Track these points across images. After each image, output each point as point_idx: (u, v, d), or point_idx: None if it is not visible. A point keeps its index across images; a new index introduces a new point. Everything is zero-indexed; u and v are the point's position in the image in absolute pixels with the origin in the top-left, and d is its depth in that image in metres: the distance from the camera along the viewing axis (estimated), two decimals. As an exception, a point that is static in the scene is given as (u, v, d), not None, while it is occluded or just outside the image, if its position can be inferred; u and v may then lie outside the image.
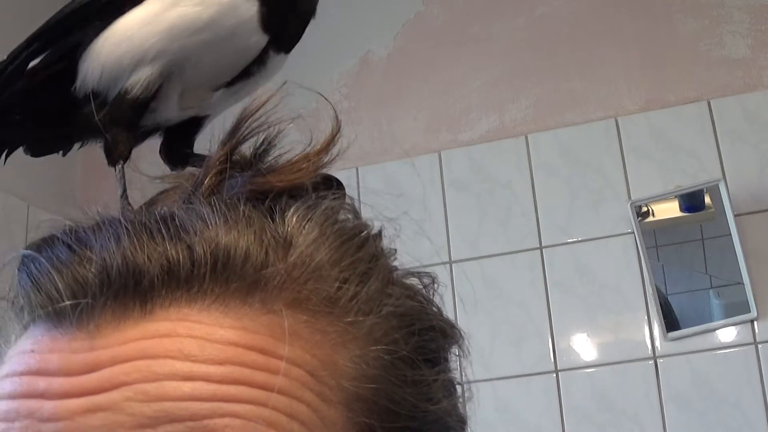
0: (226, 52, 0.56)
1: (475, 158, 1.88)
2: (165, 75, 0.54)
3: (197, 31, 0.54)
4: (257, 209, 0.39)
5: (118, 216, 0.38)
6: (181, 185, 0.43)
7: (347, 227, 0.40)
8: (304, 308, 0.37)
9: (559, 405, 1.69)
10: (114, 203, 1.83)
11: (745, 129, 1.73)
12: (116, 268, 0.35)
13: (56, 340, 0.35)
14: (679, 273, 1.72)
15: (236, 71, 0.57)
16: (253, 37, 0.56)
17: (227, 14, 0.55)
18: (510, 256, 1.80)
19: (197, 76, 0.56)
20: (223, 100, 0.59)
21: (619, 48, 1.85)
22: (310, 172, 0.41)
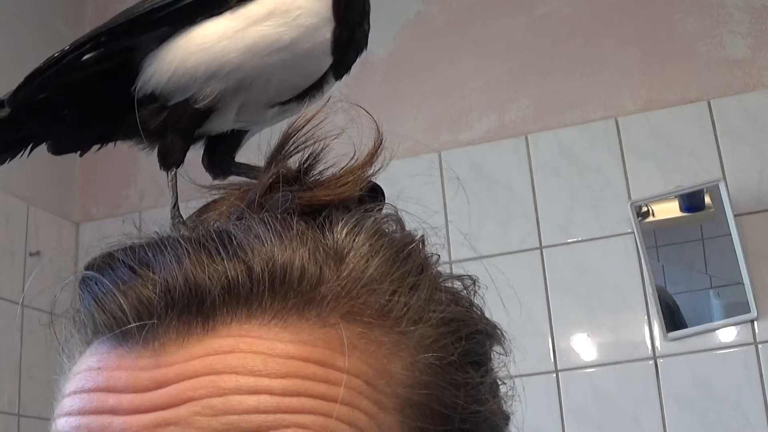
0: (297, 73, 0.57)
1: (475, 158, 1.88)
2: (234, 90, 0.55)
3: (276, 51, 0.55)
4: (308, 225, 0.40)
5: (176, 234, 0.40)
6: (228, 197, 0.44)
7: (395, 239, 0.42)
8: (358, 320, 0.38)
9: (559, 405, 1.69)
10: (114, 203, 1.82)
11: (745, 129, 1.73)
12: (179, 288, 0.37)
13: (122, 357, 0.37)
14: (679, 273, 1.72)
15: (298, 92, 0.58)
16: (324, 60, 0.57)
17: (308, 37, 0.55)
18: (510, 256, 1.80)
19: (262, 94, 0.57)
20: (274, 116, 0.59)
21: (619, 48, 1.85)
22: (355, 185, 0.43)
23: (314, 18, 0.56)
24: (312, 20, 0.56)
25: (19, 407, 1.86)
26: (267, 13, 0.55)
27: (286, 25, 0.55)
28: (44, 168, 2.11)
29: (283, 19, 0.55)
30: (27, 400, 1.88)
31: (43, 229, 2.04)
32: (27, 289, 1.95)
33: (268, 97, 0.57)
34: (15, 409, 1.85)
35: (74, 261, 2.13)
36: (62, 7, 2.25)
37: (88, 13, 2.32)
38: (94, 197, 2.18)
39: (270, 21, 0.55)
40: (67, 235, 2.12)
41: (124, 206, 2.14)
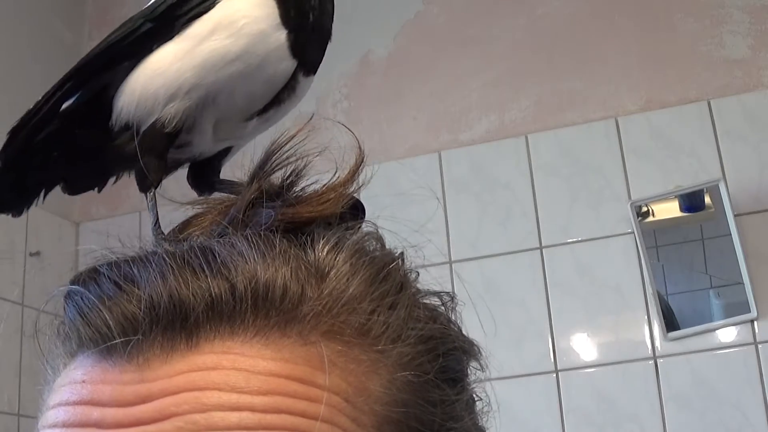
0: (258, 81, 0.58)
1: (475, 158, 1.88)
2: (199, 107, 0.56)
3: (229, 63, 0.56)
4: (291, 243, 0.41)
5: (160, 250, 0.40)
6: (211, 211, 0.45)
7: (375, 258, 0.43)
8: (338, 339, 0.39)
9: (559, 405, 1.69)
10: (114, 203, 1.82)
11: (745, 129, 1.73)
12: (163, 305, 0.37)
13: (107, 371, 0.38)
14: (679, 273, 1.72)
15: (268, 99, 0.59)
16: (283, 64, 0.58)
17: (258, 44, 0.56)
18: (510, 256, 1.80)
19: (231, 107, 0.58)
20: (255, 128, 0.61)
21: (619, 48, 1.85)
22: (337, 202, 0.43)
23: (261, 24, 0.57)
24: (259, 27, 0.56)
25: (19, 407, 1.86)
26: (212, 28, 0.56)
27: (233, 36, 0.56)
28: (44, 168, 2.11)
29: (229, 31, 0.56)
30: (27, 400, 1.88)
31: (43, 229, 2.04)
32: (27, 289, 1.95)
33: (240, 110, 0.58)
34: (15, 409, 1.85)
35: (74, 261, 2.13)
36: (62, 7, 2.25)
37: (88, 13, 2.32)
38: (94, 197, 2.17)
39: (216, 35, 0.56)
40: (67, 235, 2.12)
41: (124, 206, 2.14)
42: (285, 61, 0.58)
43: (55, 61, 2.22)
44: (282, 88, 0.59)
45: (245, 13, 0.57)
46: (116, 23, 0.63)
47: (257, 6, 0.57)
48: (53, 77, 0.63)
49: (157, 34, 0.58)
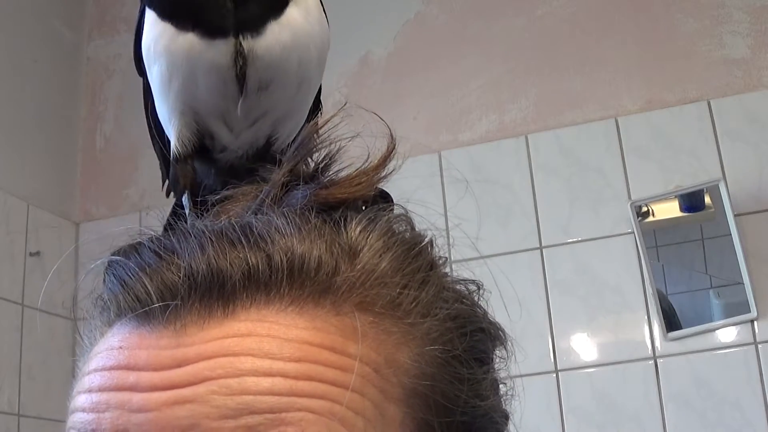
0: (207, 79, 0.60)
1: (475, 158, 1.88)
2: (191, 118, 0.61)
3: (169, 82, 0.61)
4: (325, 221, 0.42)
5: (200, 225, 0.42)
6: (246, 196, 0.46)
7: (406, 238, 0.45)
8: (370, 311, 0.40)
9: (559, 405, 1.69)
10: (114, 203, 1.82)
11: (745, 129, 1.73)
12: (202, 273, 0.38)
13: (144, 337, 0.38)
14: (679, 273, 1.72)
15: (233, 79, 0.60)
16: (212, 52, 0.59)
17: (174, 56, 0.60)
18: (510, 256, 1.80)
19: (212, 105, 0.61)
20: (260, 104, 0.62)
21: (619, 48, 1.85)
22: (369, 185, 0.45)
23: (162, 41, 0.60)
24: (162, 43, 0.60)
25: (19, 407, 1.86)
26: (146, 60, 0.62)
27: (156, 60, 0.61)
28: (44, 168, 2.11)
29: (151, 57, 0.61)
30: (27, 400, 1.88)
31: (43, 229, 2.04)
32: (27, 289, 1.95)
33: (223, 100, 0.61)
34: (15, 409, 1.85)
35: (74, 261, 2.13)
36: (62, 7, 2.25)
37: (88, 13, 2.32)
38: (94, 197, 2.18)
39: (149, 65, 0.62)
40: (67, 235, 2.12)
41: (124, 206, 2.14)
42: (211, 49, 0.59)
43: (55, 61, 2.22)
44: (237, 62, 0.60)
45: (149, 37, 0.61)
46: (116, 23, 0.66)
47: (153, 25, 0.61)
48: (53, 77, 0.66)
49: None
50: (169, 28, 0.59)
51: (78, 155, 2.22)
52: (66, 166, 2.19)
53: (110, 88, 2.25)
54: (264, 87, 0.61)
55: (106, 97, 2.25)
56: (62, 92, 2.22)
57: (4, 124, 1.99)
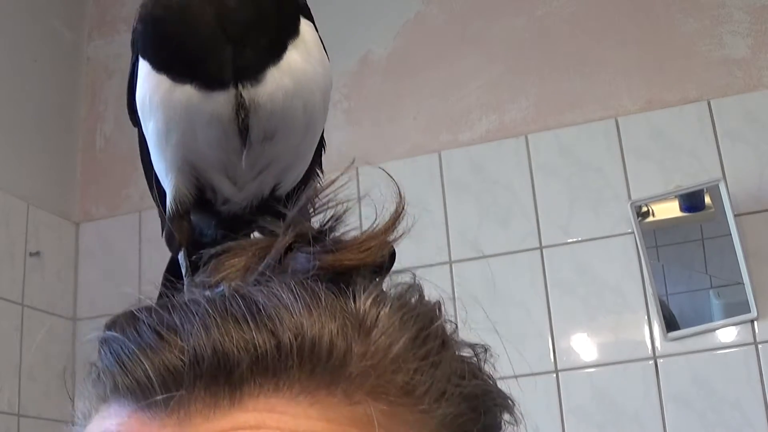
0: (207, 131, 0.58)
1: (475, 158, 1.88)
2: (191, 172, 0.59)
3: (167, 136, 0.59)
4: (333, 293, 0.40)
5: (199, 297, 0.39)
6: (245, 253, 0.44)
7: (418, 315, 0.42)
8: (383, 398, 0.38)
9: (559, 405, 1.69)
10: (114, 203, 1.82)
11: (745, 129, 1.73)
12: (207, 358, 0.36)
13: (145, 424, 0.36)
14: (679, 273, 1.72)
15: (235, 131, 0.58)
16: (211, 104, 0.57)
17: (171, 110, 0.57)
18: (510, 256, 1.80)
19: (212, 158, 0.59)
20: (266, 154, 0.60)
21: (619, 48, 1.85)
22: (378, 250, 0.42)
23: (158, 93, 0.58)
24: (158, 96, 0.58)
25: (19, 407, 1.86)
26: (141, 114, 0.61)
27: (152, 114, 0.59)
28: (44, 168, 2.11)
29: (147, 111, 0.60)
30: (27, 400, 1.88)
31: (43, 229, 2.04)
32: (27, 289, 1.95)
33: (224, 153, 0.59)
34: (15, 409, 1.85)
35: (74, 261, 2.13)
36: (62, 7, 2.25)
37: (88, 13, 2.32)
38: (94, 197, 2.18)
39: (145, 119, 0.61)
40: (67, 235, 2.12)
41: (124, 206, 2.14)
42: (210, 101, 0.57)
43: (55, 61, 2.22)
44: (239, 114, 0.57)
45: (144, 91, 0.59)
46: (116, 23, 0.65)
47: (146, 78, 0.59)
48: (53, 77, 0.65)
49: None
50: (164, 80, 0.57)
51: (78, 155, 2.22)
52: (66, 166, 2.18)
53: (110, 88, 2.25)
54: (269, 137, 0.58)
55: (106, 97, 2.25)
56: (62, 92, 2.22)
57: (4, 124, 1.99)
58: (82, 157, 2.22)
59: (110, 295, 2.08)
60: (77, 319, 2.08)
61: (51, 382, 1.97)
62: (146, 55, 0.59)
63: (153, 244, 2.08)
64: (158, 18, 0.58)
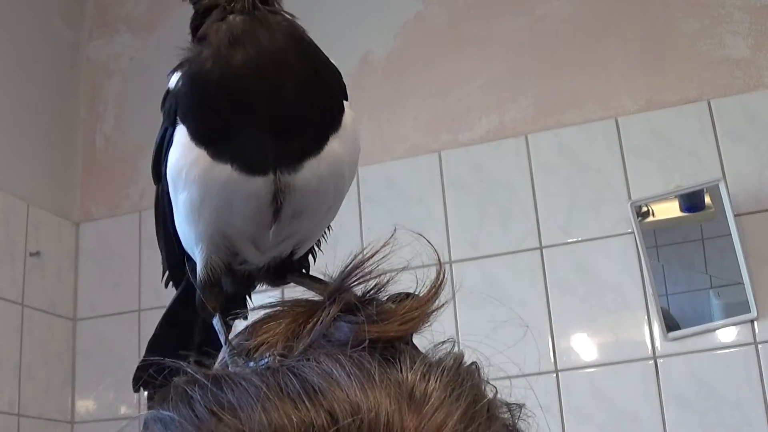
0: (241, 207, 0.58)
1: (475, 158, 1.88)
2: (219, 242, 0.60)
3: (200, 209, 0.58)
4: (381, 366, 0.40)
5: (248, 373, 0.39)
6: (283, 317, 0.44)
7: (466, 386, 0.41)
8: None
9: (559, 405, 1.69)
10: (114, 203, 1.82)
11: (745, 129, 1.73)
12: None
13: None
14: (679, 273, 1.72)
15: (268, 208, 0.58)
16: (252, 185, 0.57)
17: (209, 185, 0.57)
18: (510, 256, 1.80)
19: (243, 229, 0.59)
20: (293, 227, 0.60)
21: (619, 48, 1.85)
22: (422, 320, 0.42)
23: (198, 167, 0.57)
24: (197, 170, 0.57)
25: (19, 407, 1.86)
26: (172, 184, 0.60)
27: (187, 186, 0.59)
28: (44, 168, 2.11)
29: (181, 182, 0.59)
30: (27, 400, 1.88)
31: (43, 229, 2.04)
32: (27, 289, 1.95)
33: (256, 226, 0.59)
34: (15, 409, 1.85)
35: (74, 261, 2.13)
36: (62, 7, 2.25)
37: (88, 13, 2.32)
38: (94, 197, 2.18)
39: (178, 189, 0.59)
40: (67, 235, 2.12)
41: (124, 206, 2.14)
42: (250, 182, 0.57)
43: (55, 61, 2.22)
44: (277, 197, 0.58)
45: (181, 164, 0.58)
46: (116, 23, 0.64)
47: (186, 151, 0.58)
48: (53, 77, 0.64)
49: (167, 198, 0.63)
50: (204, 156, 0.57)
51: (78, 155, 2.22)
52: (66, 166, 2.18)
53: (110, 88, 2.25)
54: (298, 215, 0.59)
55: (106, 97, 2.25)
56: (62, 92, 2.22)
57: (4, 124, 1.99)
58: (82, 157, 2.22)
59: (110, 295, 2.08)
60: (77, 319, 2.08)
61: (51, 382, 1.97)
62: (187, 123, 0.58)
63: (153, 244, 2.08)
64: (209, 91, 0.57)
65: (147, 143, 2.25)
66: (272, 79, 0.57)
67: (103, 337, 2.05)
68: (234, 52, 0.57)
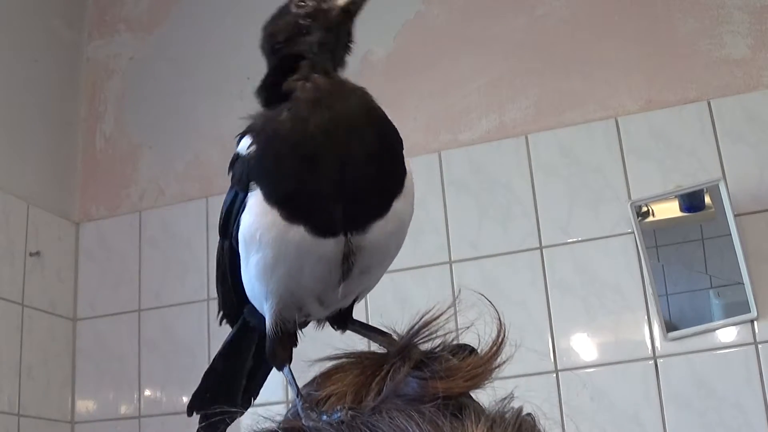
0: (313, 269, 0.60)
1: (475, 158, 1.88)
2: (288, 300, 0.62)
3: (273, 270, 0.61)
4: (450, 421, 0.41)
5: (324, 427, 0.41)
6: (351, 369, 0.46)
7: None
8: None
9: (559, 405, 1.69)
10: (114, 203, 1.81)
11: (745, 129, 1.73)
12: None
13: None
14: (679, 273, 1.72)
15: (338, 270, 0.61)
16: (324, 247, 0.59)
17: (283, 246, 0.59)
18: (510, 256, 1.80)
19: (311, 288, 0.62)
20: (359, 282, 0.63)
21: (619, 48, 1.85)
22: (486, 376, 0.44)
23: (273, 231, 0.59)
24: (272, 234, 0.59)
25: (19, 407, 1.86)
26: (245, 245, 0.62)
27: (261, 248, 0.60)
28: (44, 168, 2.11)
29: (255, 245, 0.61)
30: (27, 400, 1.88)
31: (43, 229, 2.04)
32: (27, 289, 1.95)
33: (324, 285, 0.62)
34: (15, 409, 1.85)
35: (74, 261, 2.13)
36: (62, 7, 2.25)
37: (88, 13, 2.32)
38: (94, 197, 2.18)
39: (251, 250, 0.61)
40: (67, 235, 2.12)
41: (124, 206, 2.14)
42: (322, 245, 0.59)
43: (55, 61, 2.22)
44: (347, 253, 0.60)
45: (256, 226, 0.60)
46: (116, 23, 0.64)
47: (261, 215, 0.60)
48: (53, 77, 0.64)
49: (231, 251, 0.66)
50: (279, 219, 0.59)
51: (78, 155, 2.22)
52: (66, 166, 2.18)
53: (110, 88, 2.25)
54: (366, 271, 0.62)
55: (106, 97, 2.25)
56: (62, 92, 2.22)
57: (4, 124, 1.99)
58: (82, 157, 2.22)
59: (110, 295, 2.08)
60: (77, 319, 2.08)
61: (51, 382, 1.97)
62: (261, 184, 0.60)
63: (153, 244, 2.08)
64: (285, 154, 0.60)
65: (147, 143, 2.25)
66: (345, 146, 0.59)
67: (103, 337, 2.05)
68: (314, 115, 0.60)
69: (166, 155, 2.14)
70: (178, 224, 2.07)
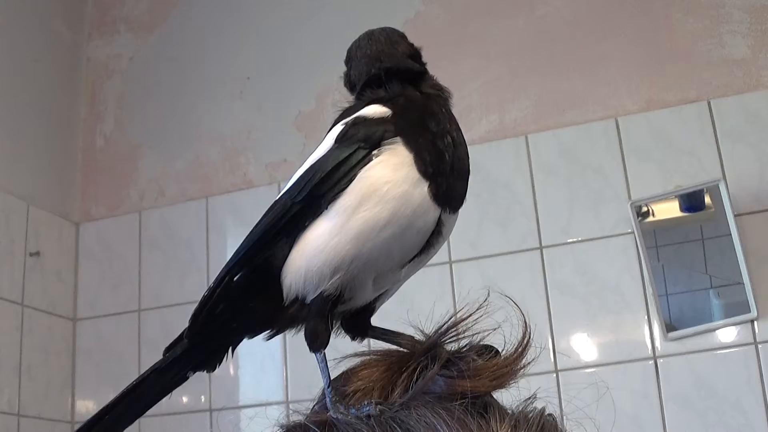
0: (411, 236, 0.61)
1: (475, 158, 1.87)
2: (361, 272, 0.60)
3: (382, 229, 0.59)
4: (477, 419, 0.42)
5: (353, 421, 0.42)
6: (377, 366, 0.47)
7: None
8: None
9: (559, 405, 1.69)
10: (114, 203, 1.82)
11: (745, 129, 1.73)
12: None
13: None
14: (679, 273, 1.72)
15: (420, 247, 0.62)
16: (430, 214, 0.61)
17: (404, 205, 0.59)
18: (510, 256, 1.80)
19: (389, 263, 0.61)
20: (407, 273, 0.64)
21: (619, 48, 1.85)
22: (510, 376, 0.46)
23: (402, 186, 0.59)
24: (401, 189, 0.59)
25: (19, 407, 1.86)
26: (359, 200, 0.59)
27: (380, 203, 0.59)
28: (44, 168, 2.11)
29: (375, 199, 0.59)
30: (27, 400, 1.88)
31: (43, 229, 2.04)
32: (27, 289, 1.95)
33: (396, 263, 0.62)
34: (15, 409, 1.85)
35: (74, 261, 2.13)
36: (62, 7, 2.25)
37: (88, 13, 2.32)
38: (94, 197, 2.18)
39: (364, 206, 0.59)
40: (67, 235, 2.12)
41: (124, 206, 2.14)
42: (431, 211, 0.61)
43: (55, 61, 2.22)
44: (436, 229, 0.62)
45: (386, 179, 0.60)
46: (116, 23, 0.64)
47: (395, 169, 0.60)
48: (53, 77, 0.63)
49: (307, 212, 0.62)
50: (414, 174, 0.60)
51: (78, 155, 2.22)
52: (66, 166, 2.19)
53: (110, 88, 2.25)
54: (423, 260, 0.64)
55: (106, 97, 2.25)
56: (62, 92, 2.22)
57: (4, 124, 1.99)
58: (82, 157, 2.22)
59: (110, 295, 2.08)
60: (77, 319, 2.08)
61: (51, 382, 1.97)
62: (407, 138, 0.62)
63: (153, 244, 2.08)
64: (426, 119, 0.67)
65: (147, 143, 2.25)
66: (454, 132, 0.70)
67: (103, 337, 2.05)
68: (435, 100, 0.73)
69: (166, 155, 2.14)
70: (178, 224, 2.07)
